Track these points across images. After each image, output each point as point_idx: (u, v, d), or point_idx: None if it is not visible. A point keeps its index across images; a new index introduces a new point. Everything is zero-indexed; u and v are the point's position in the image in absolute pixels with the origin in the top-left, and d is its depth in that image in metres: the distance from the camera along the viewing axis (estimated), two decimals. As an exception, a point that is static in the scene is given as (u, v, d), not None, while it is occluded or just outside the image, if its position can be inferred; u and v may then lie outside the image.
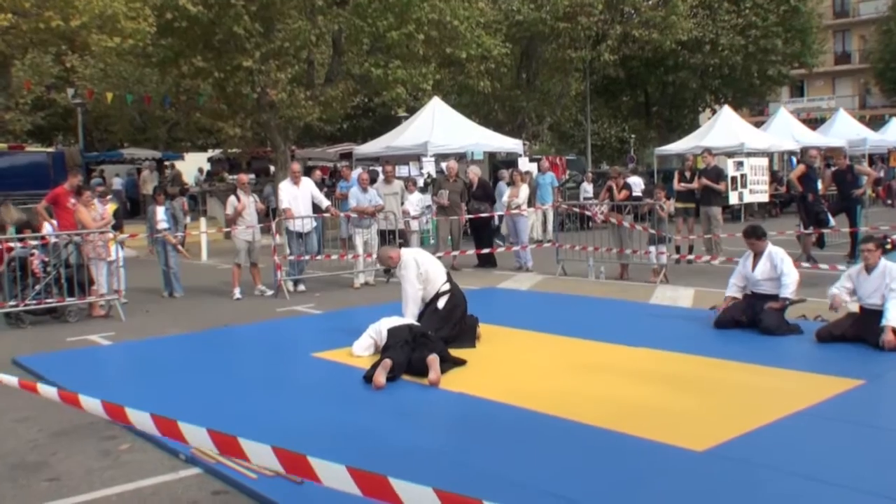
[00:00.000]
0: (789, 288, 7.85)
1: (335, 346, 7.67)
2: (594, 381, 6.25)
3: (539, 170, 19.78)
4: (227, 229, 18.70)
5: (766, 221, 20.91)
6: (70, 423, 5.74)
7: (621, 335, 7.81)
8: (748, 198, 21.37)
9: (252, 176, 27.22)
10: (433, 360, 6.37)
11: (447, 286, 7.80)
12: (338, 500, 3.04)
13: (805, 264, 11.30)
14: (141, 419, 3.32)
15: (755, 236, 8.11)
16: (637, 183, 17.85)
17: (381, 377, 6.20)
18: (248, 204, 11.69)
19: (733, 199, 20.81)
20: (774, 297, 7.89)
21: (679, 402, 5.62)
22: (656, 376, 6.34)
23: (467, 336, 7.65)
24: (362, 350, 7.21)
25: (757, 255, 8.08)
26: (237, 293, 11.53)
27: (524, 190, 14.20)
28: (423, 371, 6.35)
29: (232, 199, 11.73)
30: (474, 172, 14.84)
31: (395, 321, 7.16)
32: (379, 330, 7.14)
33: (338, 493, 2.67)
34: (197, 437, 3.10)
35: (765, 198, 22.18)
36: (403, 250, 8.03)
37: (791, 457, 4.53)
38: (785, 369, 6.40)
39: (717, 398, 5.69)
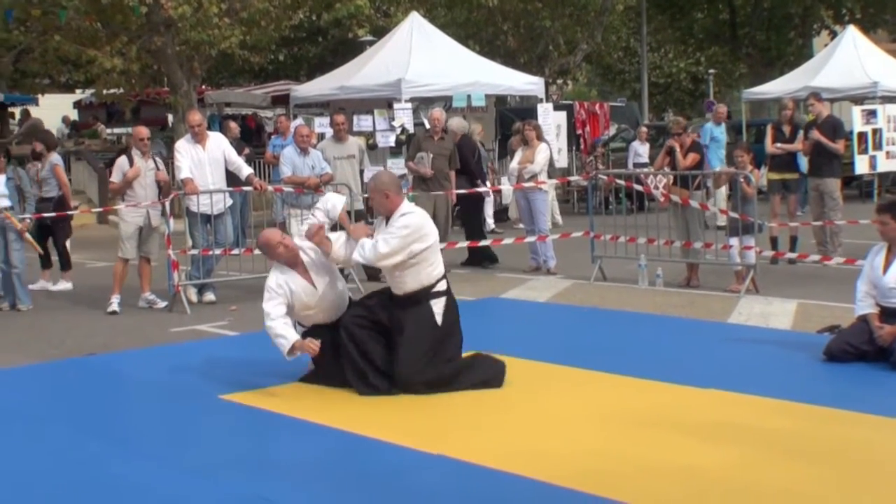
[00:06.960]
0: None
1: (254, 386, 7.68)
2: (643, 441, 6.24)
3: (714, 117, 20.07)
4: (99, 210, 18.67)
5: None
6: None
7: (685, 371, 7.82)
8: (884, 165, 21.31)
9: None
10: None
11: (444, 282, 7.68)
12: None
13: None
14: None
15: (891, 213, 7.91)
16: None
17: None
18: (145, 171, 11.65)
19: (860, 166, 20.82)
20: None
21: (767, 472, 5.61)
22: (736, 433, 6.33)
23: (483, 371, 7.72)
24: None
25: (893, 249, 7.97)
26: (114, 303, 11.47)
27: (542, 151, 14.07)
28: None
29: (122, 161, 11.68)
30: (458, 128, 14.78)
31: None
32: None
33: None
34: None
35: (909, 165, 22.18)
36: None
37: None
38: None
39: (826, 468, 5.68)
